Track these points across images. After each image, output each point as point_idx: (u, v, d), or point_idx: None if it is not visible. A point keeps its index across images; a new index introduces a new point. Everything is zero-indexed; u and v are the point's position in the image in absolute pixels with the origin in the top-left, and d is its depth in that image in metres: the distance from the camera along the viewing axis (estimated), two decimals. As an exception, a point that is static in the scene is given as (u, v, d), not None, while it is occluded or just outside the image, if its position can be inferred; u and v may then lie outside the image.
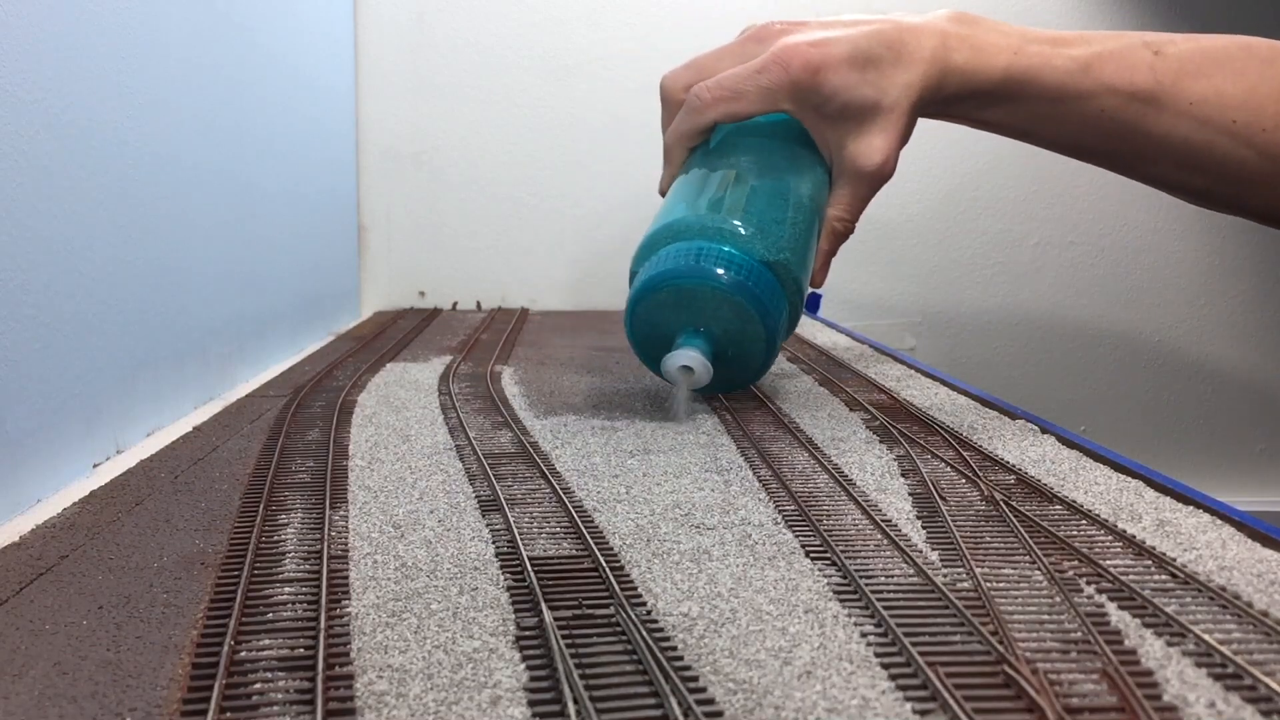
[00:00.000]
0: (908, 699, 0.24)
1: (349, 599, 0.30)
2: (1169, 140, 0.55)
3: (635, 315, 0.53)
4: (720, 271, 0.51)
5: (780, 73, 0.55)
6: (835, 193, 0.58)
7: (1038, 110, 0.57)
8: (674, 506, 0.39)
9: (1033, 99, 0.56)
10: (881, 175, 0.57)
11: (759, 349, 0.53)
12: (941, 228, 1.13)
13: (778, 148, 0.58)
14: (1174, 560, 0.33)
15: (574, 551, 0.34)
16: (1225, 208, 0.59)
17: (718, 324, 0.52)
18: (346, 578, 0.32)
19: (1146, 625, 0.28)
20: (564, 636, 0.27)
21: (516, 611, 0.29)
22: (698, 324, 0.52)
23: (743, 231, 0.52)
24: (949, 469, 0.44)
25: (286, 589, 0.31)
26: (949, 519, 0.37)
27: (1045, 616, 0.29)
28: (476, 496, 0.40)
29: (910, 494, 0.41)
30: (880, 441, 0.49)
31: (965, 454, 0.46)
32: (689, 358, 0.50)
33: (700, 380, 0.51)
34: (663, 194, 0.60)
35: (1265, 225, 0.59)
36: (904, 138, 0.57)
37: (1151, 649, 0.27)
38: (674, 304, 0.52)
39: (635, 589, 0.31)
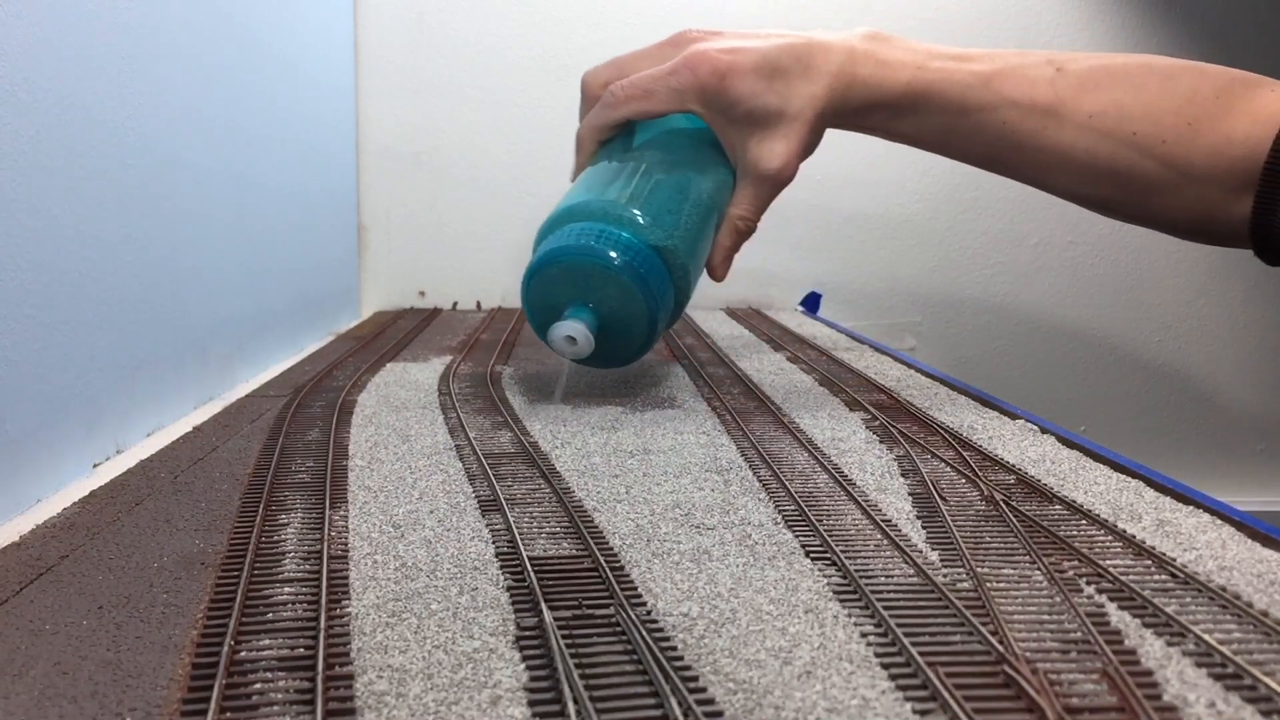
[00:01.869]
0: (908, 699, 0.24)
1: (349, 599, 0.30)
2: (1072, 152, 0.57)
3: (530, 287, 0.57)
4: (611, 253, 0.54)
5: (689, 76, 0.58)
6: (738, 193, 0.61)
7: (942, 122, 0.59)
8: (674, 506, 0.39)
9: (936, 111, 0.58)
10: (781, 179, 0.60)
11: (641, 327, 0.56)
12: (941, 228, 1.13)
13: (685, 146, 0.61)
14: (1174, 560, 0.33)
15: (574, 551, 0.34)
16: (1131, 218, 0.61)
17: (605, 301, 0.55)
18: (346, 578, 0.32)
19: (1146, 625, 0.28)
20: (564, 636, 0.27)
21: (516, 611, 0.29)
22: (586, 299, 0.55)
23: (640, 219, 0.55)
24: (949, 469, 0.44)
25: (286, 589, 0.31)
26: (949, 519, 0.37)
27: (1045, 616, 0.29)
28: (476, 496, 0.40)
29: (910, 494, 0.41)
30: (880, 441, 0.49)
31: (965, 454, 0.46)
32: (574, 329, 0.54)
33: (582, 351, 0.54)
34: (573, 181, 0.63)
35: (1171, 235, 0.61)
36: (806, 145, 0.60)
37: (1151, 649, 0.27)
38: (566, 279, 0.55)
39: (635, 589, 0.31)
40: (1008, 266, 1.15)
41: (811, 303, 1.10)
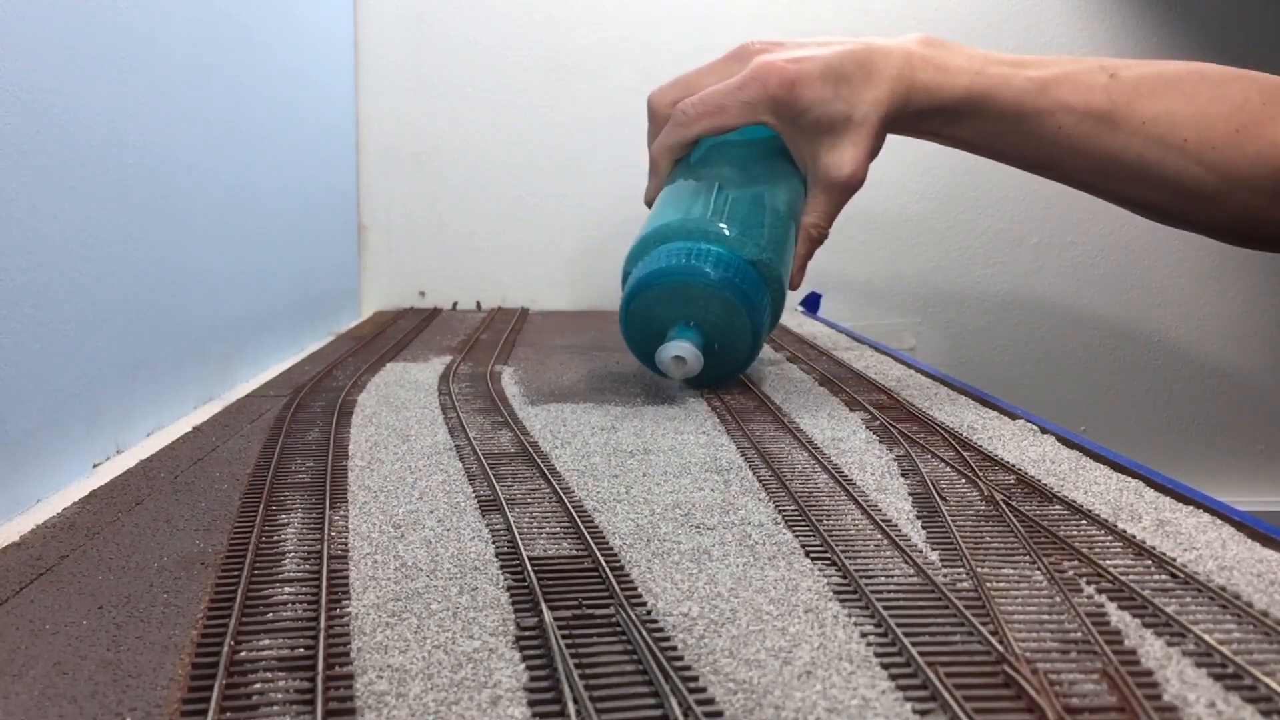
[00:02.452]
0: (908, 699, 0.24)
1: (349, 599, 0.30)
2: (1124, 157, 0.58)
3: (630, 311, 0.57)
4: (709, 269, 0.55)
5: (759, 88, 0.59)
6: (810, 201, 0.62)
7: (999, 127, 0.60)
8: (674, 506, 0.39)
9: (993, 116, 0.59)
10: (852, 185, 0.60)
11: (745, 340, 0.57)
12: (941, 228, 1.13)
13: (757, 159, 0.63)
14: (1174, 560, 0.33)
15: (574, 551, 0.34)
16: (1179, 223, 0.62)
17: (707, 318, 0.56)
18: (346, 578, 0.32)
19: (1146, 625, 0.28)
20: (564, 636, 0.27)
21: (516, 611, 0.29)
22: (688, 318, 0.56)
23: (728, 234, 0.56)
24: (949, 469, 0.44)
25: (286, 589, 0.31)
26: (949, 519, 0.37)
27: (1045, 616, 0.29)
28: (476, 496, 0.40)
29: (910, 494, 0.41)
30: (880, 441, 0.49)
31: (965, 454, 0.46)
32: (682, 349, 0.54)
33: (692, 370, 0.55)
34: (648, 203, 0.64)
35: (1217, 240, 0.62)
36: (873, 150, 0.60)
37: (1151, 649, 0.27)
38: (666, 300, 0.56)
39: (635, 589, 0.31)
40: (1008, 266, 1.15)
41: (811, 303, 1.10)
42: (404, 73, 1.04)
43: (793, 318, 0.99)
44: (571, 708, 0.23)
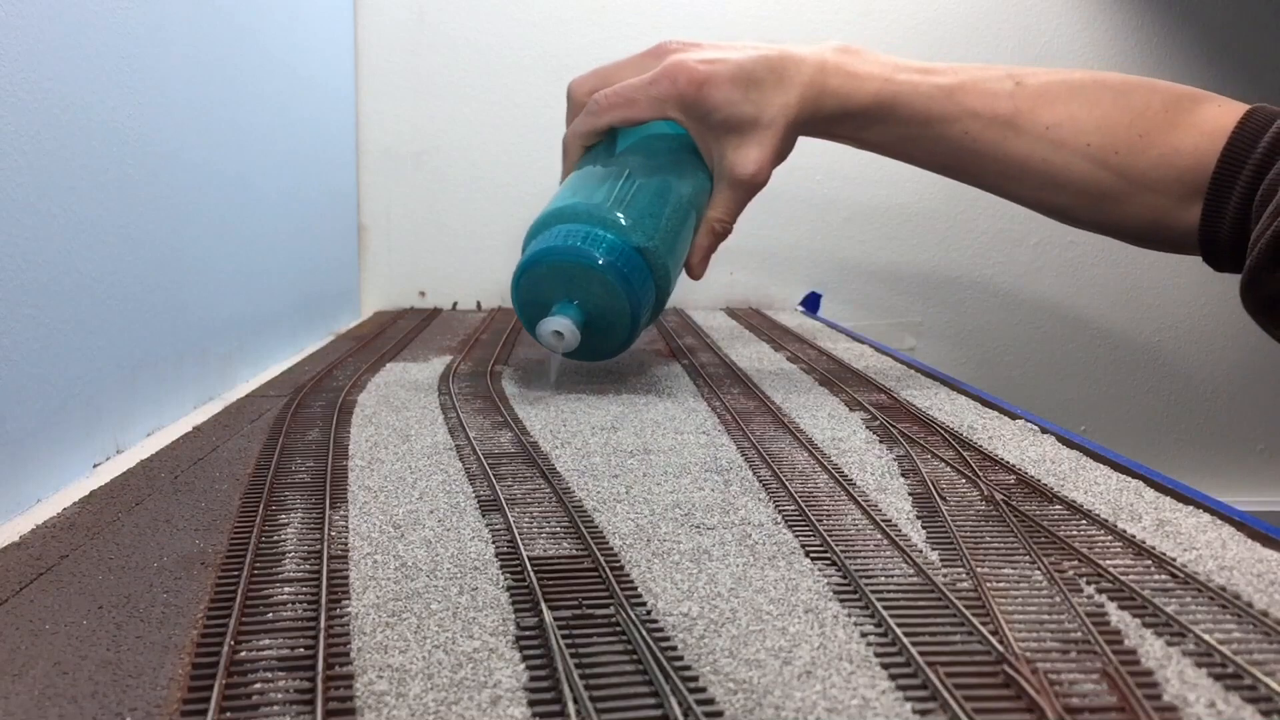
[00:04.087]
0: (908, 699, 0.24)
1: (349, 599, 0.30)
2: (1029, 161, 0.60)
3: (520, 284, 0.60)
4: (596, 253, 0.58)
5: (669, 85, 0.61)
6: (715, 196, 0.64)
7: (908, 132, 0.62)
8: (674, 506, 0.39)
9: (902, 121, 0.61)
10: (755, 183, 0.62)
11: (624, 323, 0.59)
12: (942, 228, 1.13)
13: (664, 152, 0.64)
14: (1174, 560, 0.33)
15: (574, 551, 0.34)
16: (1088, 225, 0.63)
17: (590, 298, 0.59)
18: (346, 578, 0.32)
19: (1146, 625, 0.28)
20: (564, 636, 0.27)
21: (516, 611, 0.29)
22: (573, 296, 0.59)
23: (622, 221, 0.59)
24: (949, 469, 0.44)
25: (286, 589, 0.31)
26: (949, 519, 0.37)
27: (1045, 616, 0.29)
28: (476, 496, 0.40)
29: (910, 494, 0.41)
30: (880, 441, 0.49)
31: (965, 454, 0.46)
32: (560, 324, 0.57)
33: (569, 344, 0.58)
34: (560, 185, 0.66)
35: (1125, 242, 0.64)
36: (780, 152, 0.62)
37: (1151, 649, 0.27)
38: (554, 277, 0.59)
39: (635, 589, 0.31)
40: (1008, 266, 1.15)
41: (811, 303, 1.10)
42: (404, 73, 1.04)
43: (793, 318, 0.99)
44: (571, 708, 0.23)
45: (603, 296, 0.58)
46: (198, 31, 0.60)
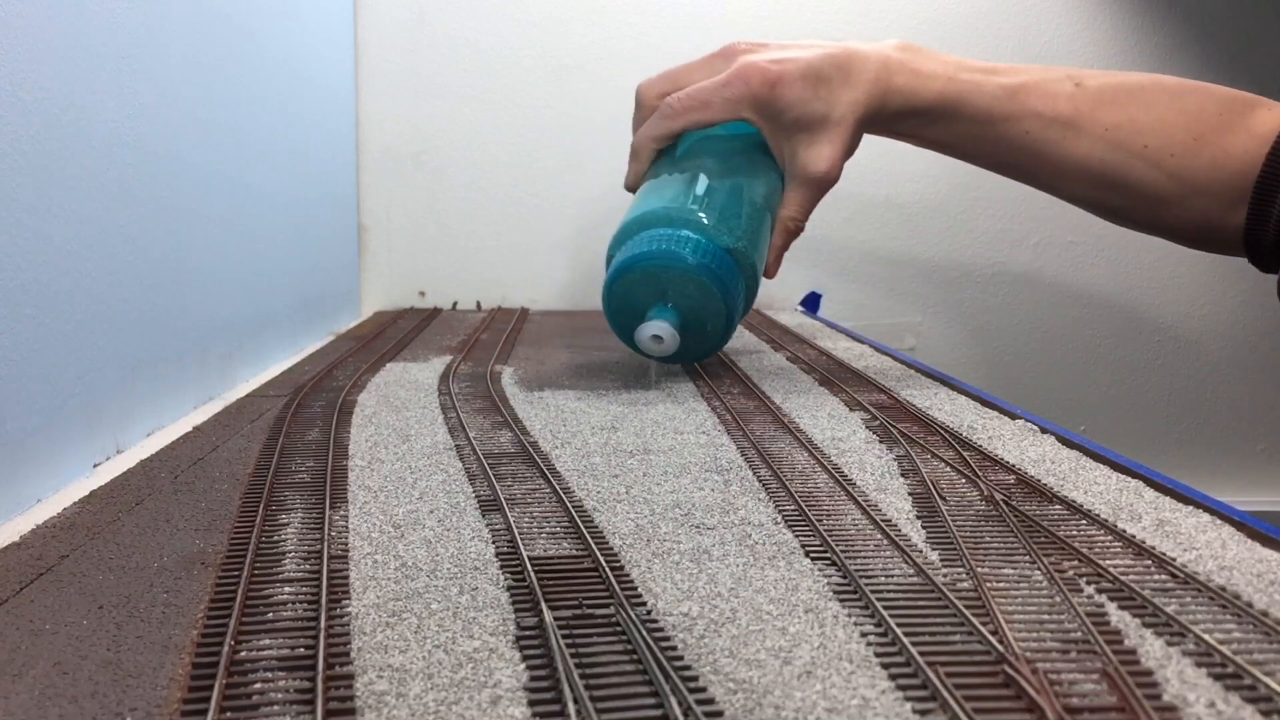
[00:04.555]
0: (908, 699, 0.24)
1: (349, 599, 0.30)
2: (1087, 161, 0.61)
3: (612, 292, 0.60)
4: (688, 254, 0.58)
5: (742, 86, 0.62)
6: (787, 195, 0.64)
7: (970, 130, 0.63)
8: (674, 506, 0.39)
9: (965, 119, 0.62)
10: (827, 181, 0.63)
11: (719, 323, 0.60)
12: (942, 228, 1.13)
13: (738, 153, 0.65)
14: (1174, 560, 0.33)
15: (574, 551, 0.34)
16: (1139, 226, 0.64)
17: (684, 300, 0.59)
18: (346, 578, 0.32)
19: (1146, 625, 0.28)
20: (564, 636, 0.27)
21: (516, 611, 0.29)
22: (667, 300, 0.59)
23: (706, 222, 0.59)
24: (949, 469, 0.44)
25: (286, 589, 0.31)
26: (949, 519, 0.37)
27: (1045, 616, 0.29)
28: (476, 496, 0.40)
29: (910, 494, 0.41)
30: (880, 441, 0.49)
31: (965, 454, 0.46)
32: (660, 328, 0.58)
33: (669, 348, 0.58)
34: (629, 188, 0.68)
35: (1176, 243, 0.65)
36: (849, 149, 0.63)
37: (1151, 649, 0.27)
38: (646, 282, 0.59)
39: (635, 589, 0.31)
40: (1008, 266, 1.14)
41: (811, 303, 1.10)
42: (404, 73, 1.04)
43: (793, 318, 0.99)
44: (571, 708, 0.24)
45: (697, 297, 0.59)
46: (198, 32, 0.60)
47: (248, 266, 0.69)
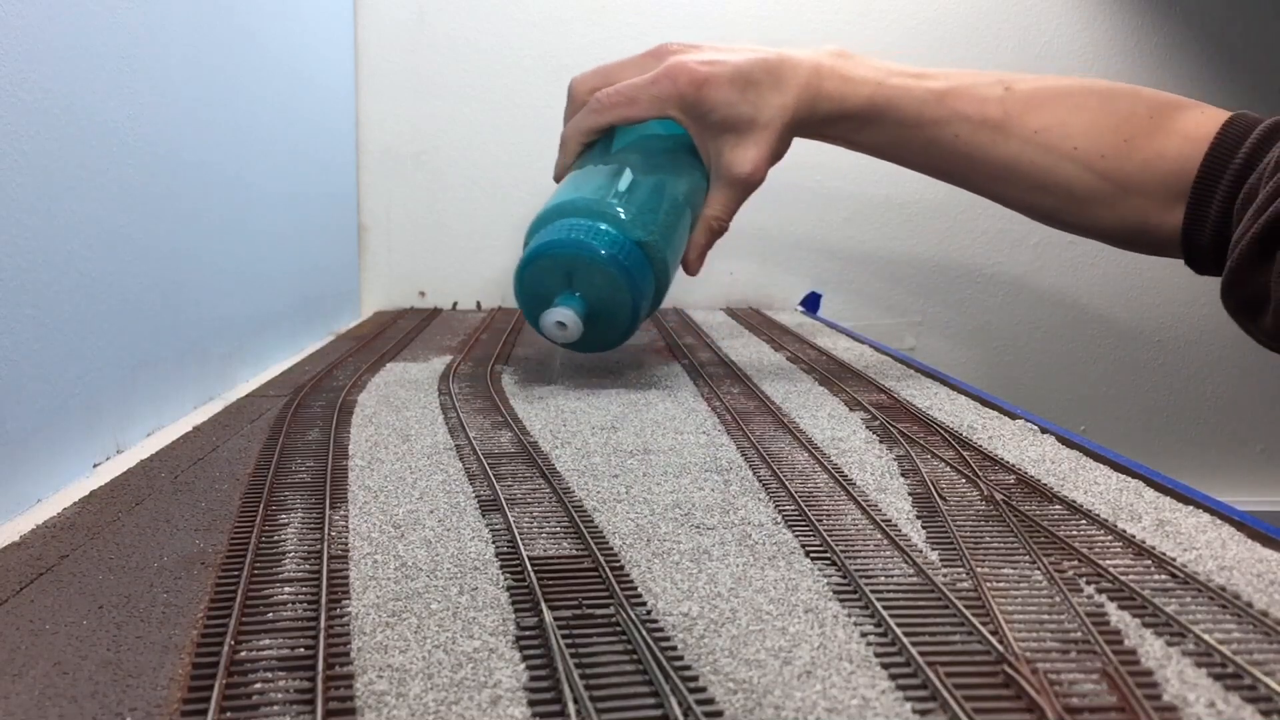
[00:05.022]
0: (908, 699, 0.24)
1: (349, 599, 0.30)
2: (1017, 164, 0.61)
3: (524, 277, 0.61)
4: (599, 245, 0.59)
5: (669, 85, 0.63)
6: (711, 194, 0.65)
7: (900, 134, 0.63)
8: (674, 506, 0.39)
9: (894, 123, 0.63)
10: (751, 182, 0.64)
11: (625, 314, 0.61)
12: (941, 228, 1.13)
13: (663, 150, 0.66)
14: (1174, 560, 0.33)
15: (574, 551, 0.34)
16: (1074, 228, 0.64)
17: (592, 290, 0.60)
18: (346, 578, 0.32)
19: (1146, 625, 0.28)
20: (564, 636, 0.27)
21: (516, 611, 0.29)
22: (575, 288, 0.60)
23: (622, 215, 0.60)
24: (949, 469, 0.44)
25: (286, 589, 0.31)
26: (949, 519, 0.37)
27: (1045, 616, 0.29)
28: (476, 496, 0.40)
29: (910, 494, 0.41)
30: (880, 441, 0.49)
31: (965, 454, 0.46)
32: (563, 315, 0.59)
33: (572, 335, 0.59)
34: (556, 179, 0.69)
35: (1110, 245, 0.65)
36: (775, 152, 0.64)
37: (1151, 649, 0.27)
38: (557, 270, 0.60)
39: (635, 589, 0.31)
40: (1008, 266, 1.15)
41: (811, 303, 1.10)
42: (404, 73, 1.04)
43: (793, 318, 0.99)
44: (571, 708, 0.24)
45: (604, 288, 0.60)
46: (198, 31, 0.60)
47: (248, 266, 0.69)
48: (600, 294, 0.60)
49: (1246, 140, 0.56)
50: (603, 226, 0.60)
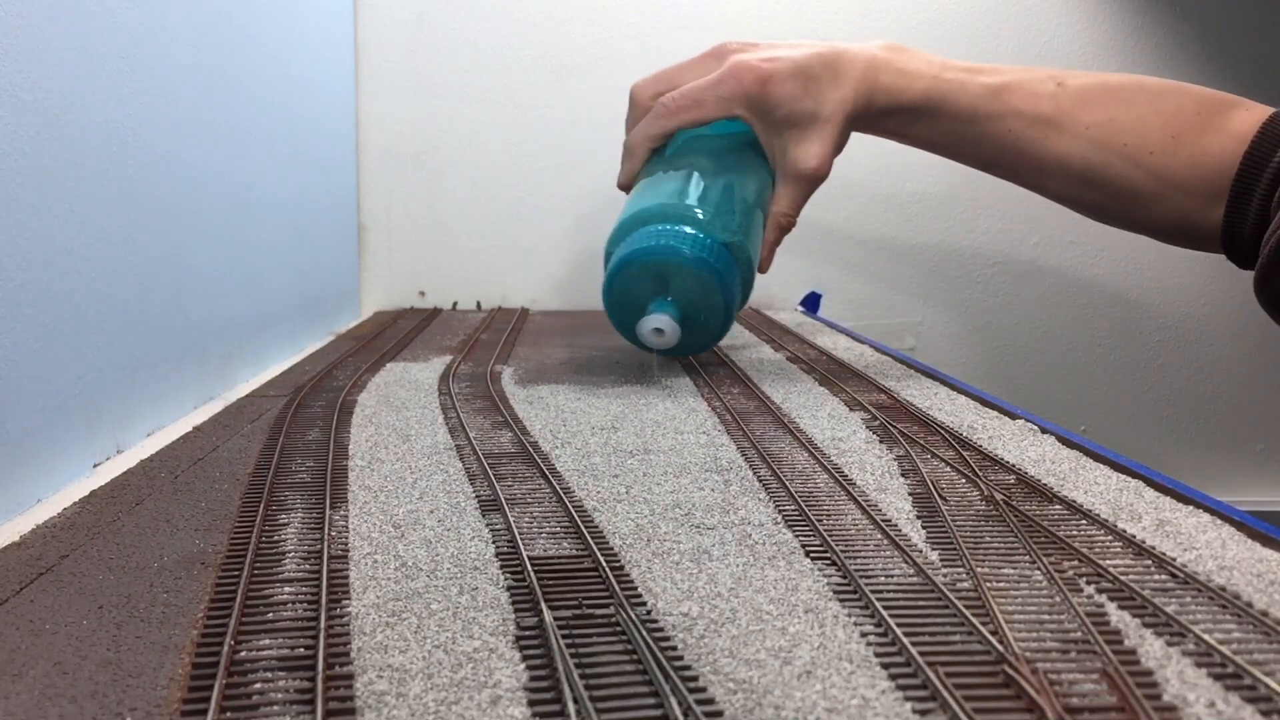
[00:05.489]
0: (908, 699, 0.24)
1: (349, 599, 0.30)
2: (1069, 159, 0.62)
3: (613, 288, 0.62)
4: (686, 248, 0.59)
5: (734, 84, 0.63)
6: (779, 191, 0.66)
7: (954, 128, 0.64)
8: (674, 506, 0.39)
9: (949, 117, 0.64)
10: (817, 177, 0.65)
11: (718, 315, 0.62)
12: (941, 228, 1.13)
13: (729, 151, 0.67)
14: (1174, 560, 0.33)
15: (574, 551, 0.34)
16: (1120, 223, 0.65)
17: (684, 293, 0.60)
18: (346, 578, 0.32)
19: (1146, 625, 0.28)
20: (564, 636, 0.27)
21: (516, 611, 0.29)
22: (667, 294, 0.60)
23: (702, 217, 0.61)
24: (949, 469, 0.44)
25: (286, 589, 0.31)
26: (949, 519, 0.37)
27: (1045, 616, 0.29)
28: (476, 496, 0.40)
29: (910, 494, 0.41)
30: (880, 441, 0.49)
31: (965, 454, 0.46)
32: (661, 321, 0.59)
33: (670, 341, 0.60)
34: (622, 187, 0.69)
35: (1155, 239, 0.66)
36: (838, 145, 0.65)
37: (1151, 649, 0.27)
38: (646, 277, 0.60)
39: (635, 589, 0.31)
40: (1008, 267, 1.14)
41: (811, 303, 1.10)
42: (404, 73, 1.04)
43: (793, 318, 0.99)
44: (571, 708, 0.24)
45: (697, 290, 0.60)
46: (198, 32, 0.60)
47: (248, 266, 0.69)
48: (693, 297, 0.60)
49: None
50: (688, 230, 0.60)
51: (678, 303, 0.60)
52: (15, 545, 0.35)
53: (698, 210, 0.61)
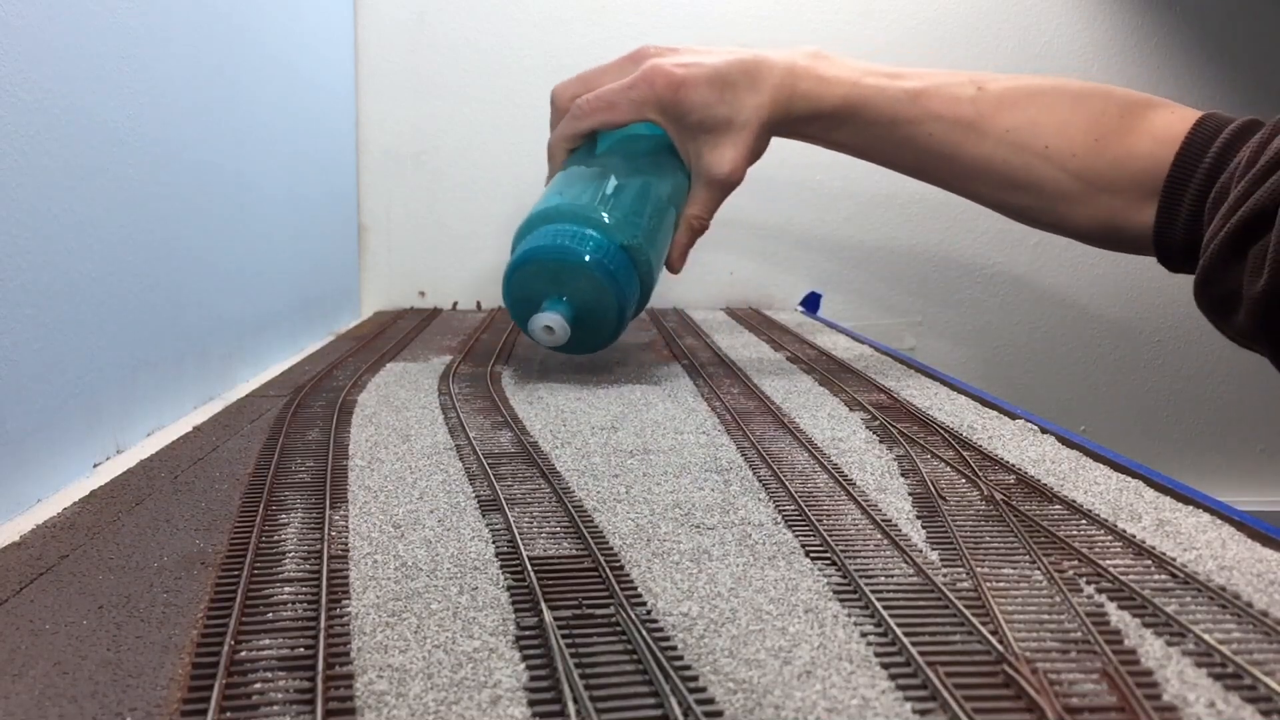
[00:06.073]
0: (908, 699, 0.24)
1: (349, 599, 0.30)
2: (990, 163, 0.63)
3: (511, 282, 0.62)
4: (584, 251, 0.60)
5: (647, 89, 0.64)
6: (692, 194, 0.67)
7: (874, 133, 0.65)
8: (674, 506, 0.39)
9: (869, 123, 0.64)
10: (730, 181, 0.65)
11: (611, 317, 0.62)
12: (941, 227, 1.13)
13: (644, 153, 0.67)
14: (1174, 560, 0.33)
15: (574, 551, 0.34)
16: (1047, 226, 0.65)
17: (578, 294, 0.61)
18: (346, 577, 0.32)
19: (1146, 625, 0.28)
20: (564, 636, 0.27)
21: (516, 611, 0.29)
22: (561, 293, 0.61)
23: (606, 220, 0.61)
24: (949, 469, 0.44)
25: (286, 589, 0.31)
26: (949, 519, 0.37)
27: (1045, 616, 0.29)
28: (476, 496, 0.40)
29: (910, 494, 0.41)
30: (880, 441, 0.49)
31: (965, 454, 0.46)
32: (551, 319, 0.60)
33: (559, 339, 0.60)
34: (546, 187, 0.69)
35: (1082, 242, 0.66)
36: (754, 151, 0.65)
37: (1151, 649, 0.27)
38: (544, 274, 0.61)
39: (635, 589, 0.31)
40: (1008, 266, 1.14)
41: (811, 303, 1.10)
42: (404, 73, 1.04)
43: (793, 318, 0.99)
44: (571, 708, 0.24)
45: (590, 292, 0.61)
46: (198, 31, 0.60)
47: (248, 266, 0.69)
48: (586, 298, 0.61)
49: (1217, 140, 0.56)
50: (588, 231, 0.61)
51: (572, 302, 0.61)
52: (15, 545, 0.35)
53: (603, 212, 0.61)
